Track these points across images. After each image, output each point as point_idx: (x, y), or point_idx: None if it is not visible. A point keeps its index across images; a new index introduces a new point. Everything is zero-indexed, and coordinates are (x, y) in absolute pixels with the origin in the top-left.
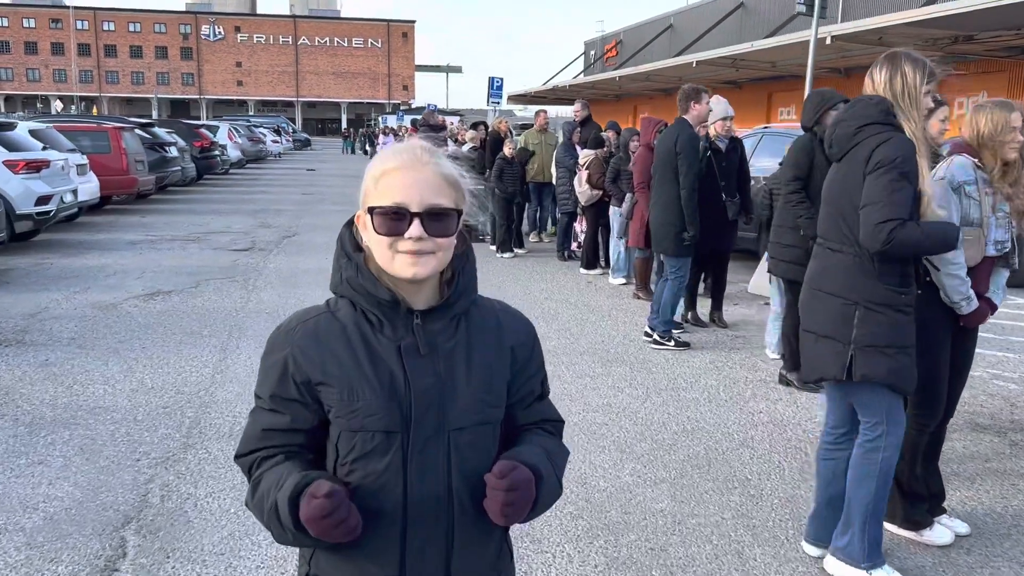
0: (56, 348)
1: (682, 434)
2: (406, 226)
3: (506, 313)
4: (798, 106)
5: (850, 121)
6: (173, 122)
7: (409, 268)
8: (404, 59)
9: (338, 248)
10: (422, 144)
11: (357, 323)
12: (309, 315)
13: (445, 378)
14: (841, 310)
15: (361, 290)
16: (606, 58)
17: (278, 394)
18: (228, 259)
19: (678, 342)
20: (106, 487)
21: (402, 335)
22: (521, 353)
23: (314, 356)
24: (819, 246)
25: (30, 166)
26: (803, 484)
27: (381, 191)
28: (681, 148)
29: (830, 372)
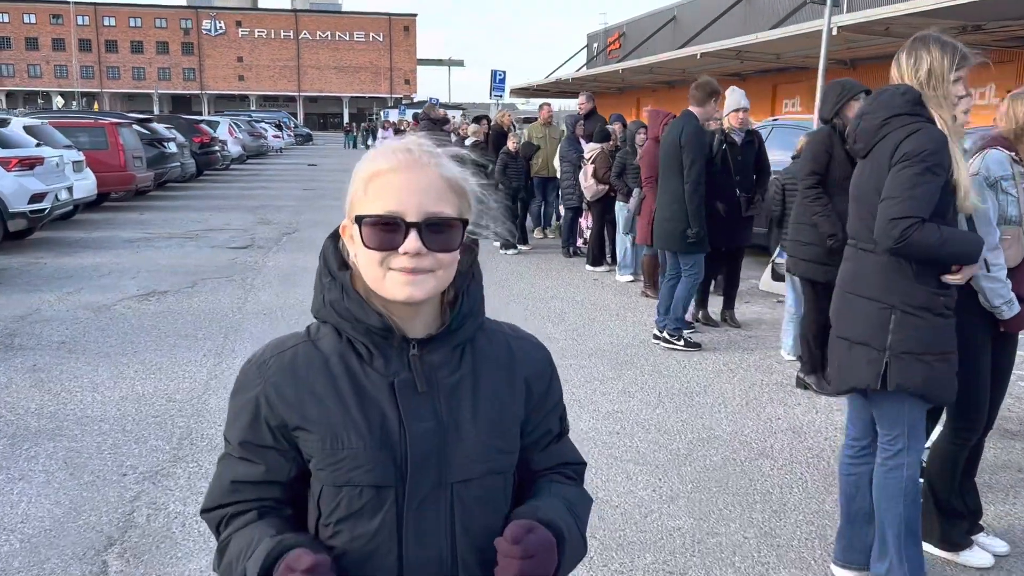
0: (45, 352)
1: (698, 443)
2: (400, 239)
3: (518, 339)
4: (803, 98)
5: (875, 113)
6: (172, 118)
7: (403, 289)
8: (406, 53)
9: (320, 265)
10: (421, 141)
11: (342, 355)
12: (285, 345)
13: (447, 420)
14: (876, 314)
15: (347, 315)
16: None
17: (249, 440)
18: (226, 257)
19: (688, 342)
20: (89, 505)
21: (396, 369)
22: (537, 386)
23: (290, 395)
24: (850, 247)
25: (23, 163)
26: (828, 497)
27: (371, 197)
28: (686, 141)
29: (863, 381)
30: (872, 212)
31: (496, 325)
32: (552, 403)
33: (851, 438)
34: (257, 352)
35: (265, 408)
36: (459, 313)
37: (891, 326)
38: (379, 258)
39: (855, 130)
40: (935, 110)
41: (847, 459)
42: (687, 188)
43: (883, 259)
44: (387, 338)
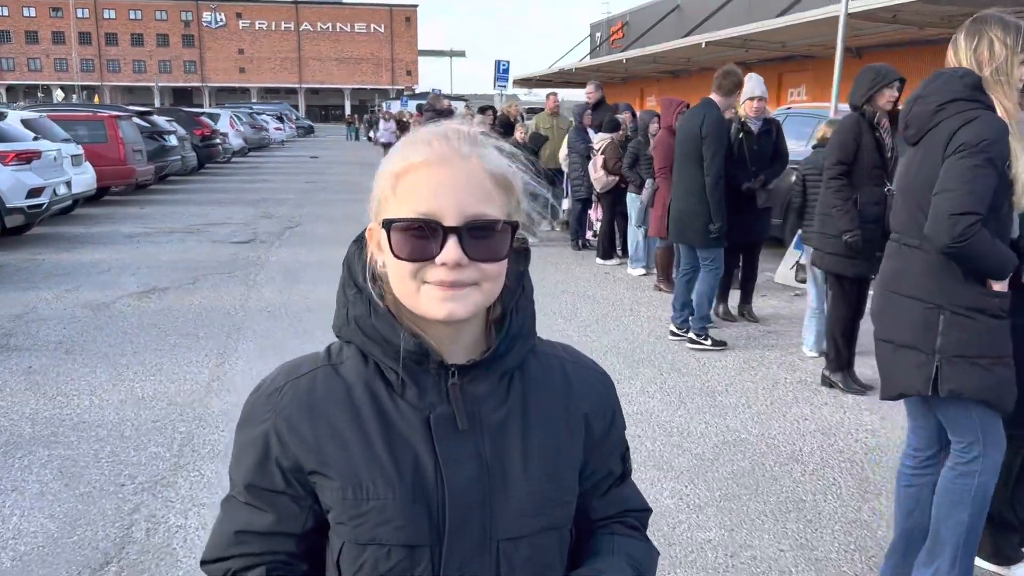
0: (42, 354)
1: (724, 447)
2: (437, 247)
3: (576, 365)
4: (809, 86)
5: (930, 98)
6: (173, 110)
7: (441, 306)
8: (407, 44)
9: (344, 274)
10: (459, 128)
11: (368, 383)
12: (300, 370)
13: (493, 465)
14: (923, 315)
15: (374, 335)
16: (612, 40)
17: (257, 484)
18: (228, 252)
19: (715, 341)
20: (85, 519)
21: (432, 401)
22: (598, 423)
23: (306, 432)
24: (894, 243)
25: (20, 157)
26: (864, 505)
27: (402, 196)
28: (708, 131)
29: (913, 386)
30: (921, 205)
31: (549, 347)
32: (615, 440)
33: (913, 448)
34: (267, 378)
35: (276, 447)
36: (507, 334)
37: (940, 328)
38: (411, 270)
39: (907, 115)
40: (996, 96)
41: (908, 470)
42: (708, 181)
43: (931, 256)
44: (422, 363)
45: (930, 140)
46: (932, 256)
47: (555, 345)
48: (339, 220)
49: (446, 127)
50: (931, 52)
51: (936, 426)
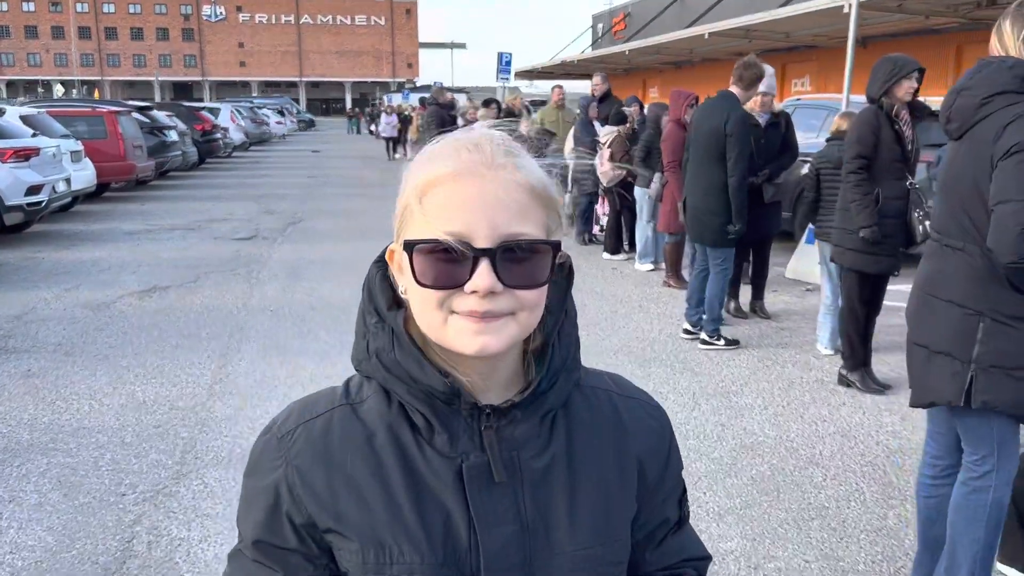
0: (41, 356)
1: (741, 450)
2: (467, 273)
3: (626, 399)
4: (812, 77)
5: (975, 89)
6: (173, 105)
7: (473, 340)
8: (408, 36)
9: (364, 299)
10: (493, 135)
11: (392, 427)
12: (316, 410)
13: (535, 523)
14: (962, 322)
15: (399, 372)
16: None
17: (265, 540)
18: (230, 249)
19: (728, 340)
20: (84, 531)
21: (464, 448)
22: (653, 465)
23: (320, 485)
24: (935, 243)
25: (18, 154)
26: (890, 512)
27: (427, 214)
28: (732, 130)
29: (945, 395)
30: (964, 205)
31: (596, 379)
32: (671, 485)
33: (932, 456)
34: (278, 417)
35: (287, 499)
36: (549, 368)
37: (979, 335)
38: (438, 299)
39: (949, 107)
40: None
41: (927, 480)
42: (732, 182)
43: (974, 260)
44: (452, 404)
45: (976, 135)
46: (975, 259)
47: (601, 375)
48: (341, 215)
49: (477, 134)
50: (937, 42)
51: (955, 436)
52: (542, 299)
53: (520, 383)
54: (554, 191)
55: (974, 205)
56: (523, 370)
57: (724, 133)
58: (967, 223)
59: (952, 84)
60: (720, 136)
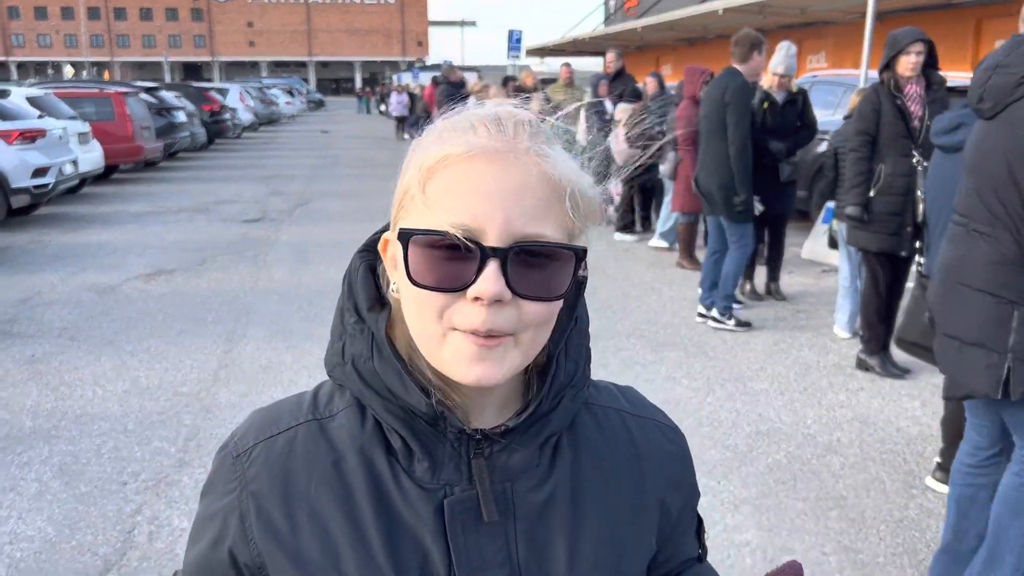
0: (45, 340)
1: (757, 437)
2: (472, 274)
3: (641, 420)
4: (828, 52)
5: (1012, 68)
6: (181, 86)
7: (469, 367)
8: (418, 14)
9: (343, 295)
10: (517, 114)
11: (364, 449)
12: (278, 425)
13: (527, 567)
14: (994, 310)
15: (378, 385)
16: (627, 7)
17: (205, 570)
18: (237, 231)
19: (739, 321)
20: (85, 521)
21: (448, 478)
22: (675, 499)
23: (277, 516)
24: (959, 227)
25: (25, 136)
26: (911, 503)
27: (432, 199)
28: (730, 99)
29: (981, 388)
30: (996, 188)
31: (607, 396)
32: (689, 518)
33: (973, 445)
34: (238, 430)
35: (235, 531)
36: (552, 386)
37: (1013, 324)
38: (438, 307)
39: (983, 85)
40: None
41: (965, 468)
42: (732, 150)
43: (1004, 247)
44: (437, 426)
45: (1011, 115)
46: (1005, 246)
47: (612, 391)
48: (351, 196)
49: (501, 110)
50: (956, 16)
51: (1000, 424)
52: (553, 316)
53: (518, 402)
54: (584, 187)
55: (1006, 189)
56: (523, 387)
57: (724, 104)
58: (998, 208)
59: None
60: (721, 108)
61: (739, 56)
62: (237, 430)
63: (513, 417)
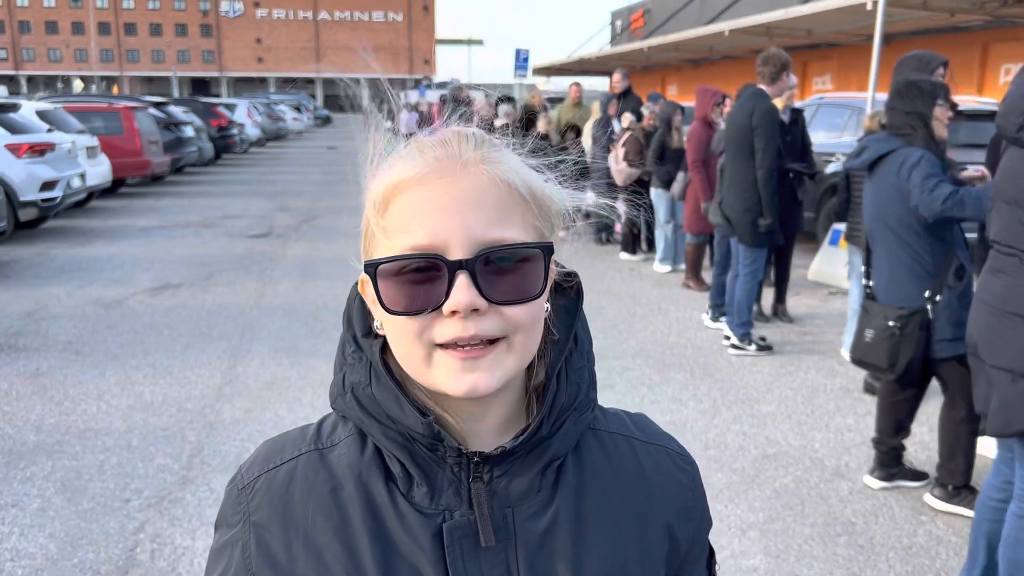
0: (50, 354)
1: (764, 461)
2: (443, 292)
3: (650, 447)
4: (833, 75)
5: None
6: (189, 101)
7: (460, 378)
8: (425, 33)
9: (344, 326)
10: (462, 130)
11: (362, 477)
12: (281, 456)
13: None
14: None
15: (376, 411)
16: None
17: None
18: (244, 246)
19: (760, 346)
20: (87, 538)
21: (448, 503)
22: (684, 529)
23: (277, 546)
24: (1004, 256)
25: (34, 149)
26: (920, 529)
27: (391, 227)
28: (758, 122)
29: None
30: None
31: (615, 422)
32: (700, 547)
33: (1003, 480)
34: (246, 462)
35: (237, 561)
36: (553, 408)
37: None
38: (415, 330)
39: (1009, 109)
40: None
41: (994, 502)
42: (760, 175)
43: None
44: (436, 450)
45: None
46: None
47: (621, 417)
48: (357, 212)
49: (443, 131)
50: (963, 40)
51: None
52: (539, 316)
53: (518, 424)
54: (542, 186)
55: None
56: (523, 408)
57: (751, 127)
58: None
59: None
60: (747, 131)
61: (768, 76)
62: (245, 462)
63: (511, 440)
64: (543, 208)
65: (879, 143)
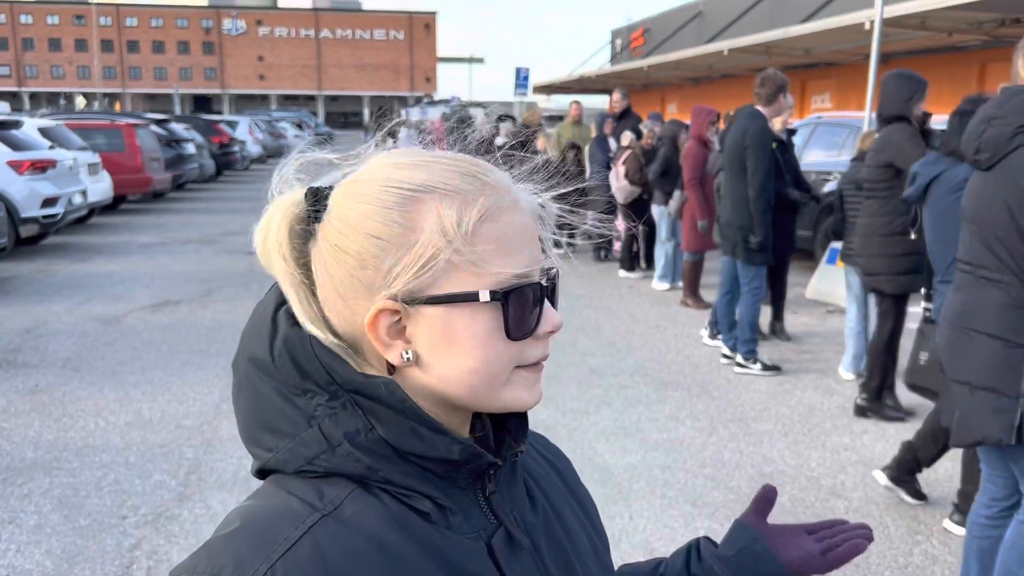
0: (49, 371)
1: (760, 479)
2: (538, 313)
3: (539, 438)
4: (832, 94)
5: (1008, 119)
6: (191, 118)
7: (533, 390)
8: (426, 51)
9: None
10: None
11: (400, 521)
12: (284, 533)
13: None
14: (1003, 355)
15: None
16: (633, 47)
17: None
18: (243, 263)
19: (766, 366)
20: (84, 555)
21: (480, 523)
22: (587, 498)
23: None
24: (966, 274)
25: (35, 166)
26: (915, 548)
27: (483, 254)
28: (750, 142)
29: (993, 434)
30: (1000, 237)
31: None
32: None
33: (989, 497)
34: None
35: None
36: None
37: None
38: (513, 353)
39: (978, 137)
40: None
41: (982, 519)
42: (751, 193)
43: (1013, 290)
44: (450, 475)
45: (1008, 165)
46: (1015, 291)
47: None
48: None
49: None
50: (961, 59)
51: (1011, 473)
52: None
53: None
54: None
55: (1010, 237)
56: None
57: (743, 146)
58: (1004, 255)
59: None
60: (741, 151)
61: (764, 97)
62: (216, 565)
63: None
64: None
65: (927, 166)
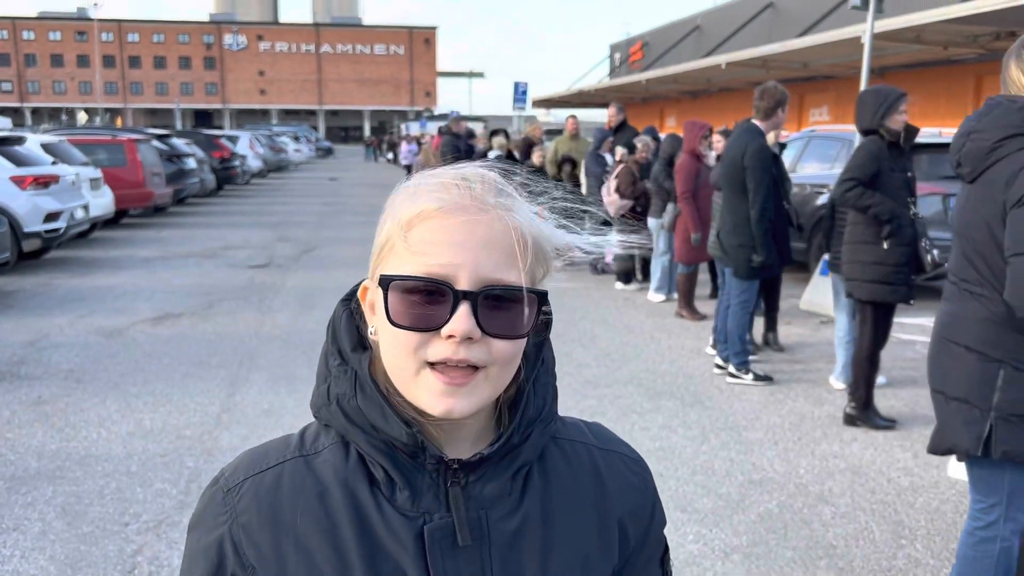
0: (52, 383)
1: (749, 486)
2: (446, 315)
3: (607, 453)
4: (830, 107)
5: (985, 132)
6: (192, 132)
7: (440, 400)
8: (426, 66)
9: (328, 340)
10: (485, 174)
11: (348, 482)
12: (266, 461)
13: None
14: (979, 368)
15: (361, 421)
16: (631, 60)
17: None
18: (244, 277)
19: (758, 376)
20: (87, 561)
21: (428, 506)
22: (635, 527)
23: (266, 546)
24: (952, 285)
25: (38, 181)
26: (899, 552)
27: (412, 248)
28: (749, 161)
29: (962, 444)
30: (979, 250)
31: (574, 431)
32: (653, 545)
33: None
34: (228, 467)
35: (232, 559)
36: (523, 419)
37: (999, 383)
38: (413, 344)
39: (959, 151)
40: None
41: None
42: (753, 213)
43: (993, 305)
44: (417, 458)
45: (988, 179)
46: (995, 305)
47: (579, 426)
48: (357, 243)
49: (468, 171)
50: (957, 72)
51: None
52: (518, 353)
53: (491, 435)
54: (548, 239)
55: (990, 251)
56: (494, 421)
57: (742, 166)
58: (984, 269)
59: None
60: (739, 169)
61: (763, 111)
62: (227, 467)
63: (487, 447)
64: (543, 258)
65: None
